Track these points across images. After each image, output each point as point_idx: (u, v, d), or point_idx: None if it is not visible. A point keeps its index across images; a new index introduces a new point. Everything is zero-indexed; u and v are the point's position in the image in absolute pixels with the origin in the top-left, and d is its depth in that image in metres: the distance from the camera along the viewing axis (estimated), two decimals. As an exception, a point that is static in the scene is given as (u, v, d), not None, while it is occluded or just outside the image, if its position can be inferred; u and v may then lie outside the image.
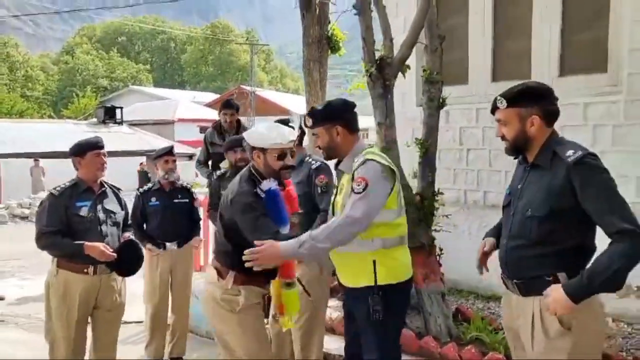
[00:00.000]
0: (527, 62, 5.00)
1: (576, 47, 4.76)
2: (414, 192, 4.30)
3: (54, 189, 3.49)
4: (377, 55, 4.14)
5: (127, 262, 3.48)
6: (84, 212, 3.43)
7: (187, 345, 4.50)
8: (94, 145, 3.48)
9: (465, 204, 5.49)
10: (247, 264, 2.50)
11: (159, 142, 26.26)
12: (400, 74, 4.20)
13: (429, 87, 4.34)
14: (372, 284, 2.53)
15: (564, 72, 4.83)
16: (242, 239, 2.65)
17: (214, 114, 31.19)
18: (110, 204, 3.59)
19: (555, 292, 2.03)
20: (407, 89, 5.75)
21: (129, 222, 3.86)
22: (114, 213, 3.58)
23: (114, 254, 3.35)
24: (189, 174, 17.12)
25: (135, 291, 4.41)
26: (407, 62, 4.25)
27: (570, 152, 2.08)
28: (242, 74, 58.38)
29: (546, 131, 2.22)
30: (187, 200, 4.42)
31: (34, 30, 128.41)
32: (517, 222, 2.22)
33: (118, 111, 26.44)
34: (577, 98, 4.66)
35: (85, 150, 3.46)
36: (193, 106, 36.11)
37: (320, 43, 7.23)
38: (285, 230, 2.71)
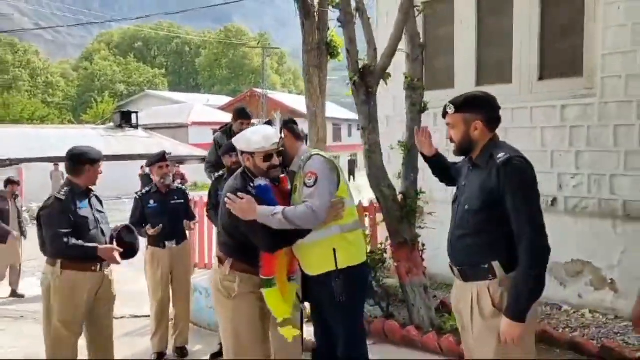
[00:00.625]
0: (509, 67, 5.24)
1: (554, 52, 5.00)
2: (398, 191, 4.59)
3: (58, 193, 3.57)
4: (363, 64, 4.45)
5: (128, 245, 3.70)
6: (86, 213, 3.58)
7: (189, 336, 4.78)
8: (100, 157, 3.67)
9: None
10: (228, 206, 2.82)
11: (173, 146, 26.81)
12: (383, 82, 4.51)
13: (410, 93, 4.62)
14: (334, 268, 2.84)
15: (543, 76, 5.06)
16: (238, 231, 2.91)
17: (227, 117, 31.56)
18: (98, 205, 3.77)
19: (505, 326, 2.26)
20: (398, 94, 6.01)
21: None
22: (103, 213, 3.77)
23: (120, 261, 3.54)
24: (202, 176, 17.53)
25: (144, 288, 4.80)
26: (401, 69, 4.56)
27: (501, 154, 2.34)
28: (255, 76, 58.94)
29: (488, 135, 2.48)
30: (182, 201, 4.71)
31: (54, 36, 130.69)
32: (460, 215, 2.49)
33: (134, 116, 27.07)
34: (555, 101, 4.91)
35: (96, 161, 3.62)
36: (207, 110, 36.62)
37: (319, 49, 7.52)
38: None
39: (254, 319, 3.02)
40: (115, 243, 3.64)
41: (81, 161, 3.58)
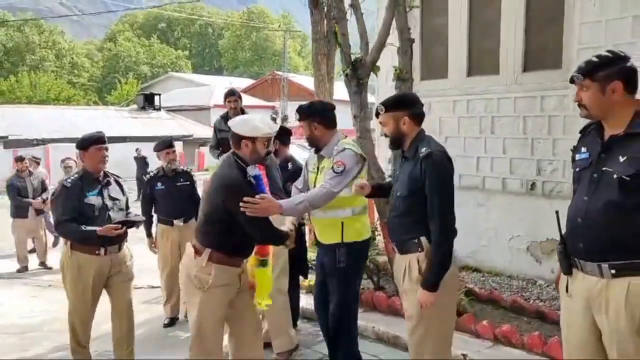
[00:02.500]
0: (496, 59, 5.59)
1: (538, 45, 5.33)
2: (387, 175, 5.02)
3: (65, 180, 3.80)
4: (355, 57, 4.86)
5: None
6: (93, 200, 3.74)
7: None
8: (96, 140, 3.76)
9: (444, 185, 6.15)
10: (247, 212, 2.85)
11: (195, 128, 27.42)
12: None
13: (400, 84, 5.00)
14: (340, 240, 3.34)
15: (527, 69, 5.41)
16: (224, 220, 2.98)
17: (248, 100, 32.01)
18: (114, 192, 3.92)
19: (420, 295, 2.76)
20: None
21: (129, 207, 4.13)
22: (118, 200, 3.93)
23: (121, 229, 3.71)
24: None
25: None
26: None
27: (424, 149, 2.80)
28: (278, 59, 59.12)
29: (415, 129, 2.93)
30: (188, 183, 5.12)
31: (78, 17, 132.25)
32: (394, 199, 2.99)
33: (157, 98, 27.76)
34: (536, 92, 5.26)
35: (88, 144, 3.74)
36: (229, 92, 37.09)
37: (328, 38, 7.88)
38: None
39: (219, 312, 3.11)
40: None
41: (77, 148, 3.81)
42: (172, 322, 5.17)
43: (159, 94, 28.95)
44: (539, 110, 5.23)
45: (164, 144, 5.12)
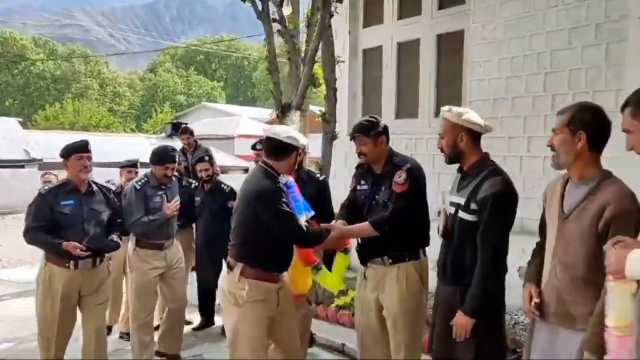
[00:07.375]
0: (416, 106, 6.62)
1: (445, 96, 6.31)
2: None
3: (43, 188, 3.77)
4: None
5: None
6: (67, 209, 3.60)
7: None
8: (77, 149, 3.65)
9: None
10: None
11: (217, 155, 28.78)
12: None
13: (325, 125, 6.08)
14: None
15: (438, 114, 6.41)
16: (259, 233, 2.95)
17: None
18: (97, 204, 3.78)
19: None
20: (344, 125, 7.46)
21: (118, 220, 4.01)
22: (99, 212, 3.78)
23: (84, 252, 3.57)
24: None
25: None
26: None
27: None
28: (309, 90, 60.84)
29: None
30: None
31: (126, 47, 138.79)
32: None
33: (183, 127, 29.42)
34: (443, 134, 6.23)
35: (70, 153, 3.65)
36: (253, 123, 38.78)
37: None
38: (302, 218, 3.06)
39: (256, 329, 2.99)
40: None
41: (60, 156, 3.72)
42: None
43: (186, 123, 30.54)
44: (443, 150, 6.19)
45: (129, 163, 5.53)
